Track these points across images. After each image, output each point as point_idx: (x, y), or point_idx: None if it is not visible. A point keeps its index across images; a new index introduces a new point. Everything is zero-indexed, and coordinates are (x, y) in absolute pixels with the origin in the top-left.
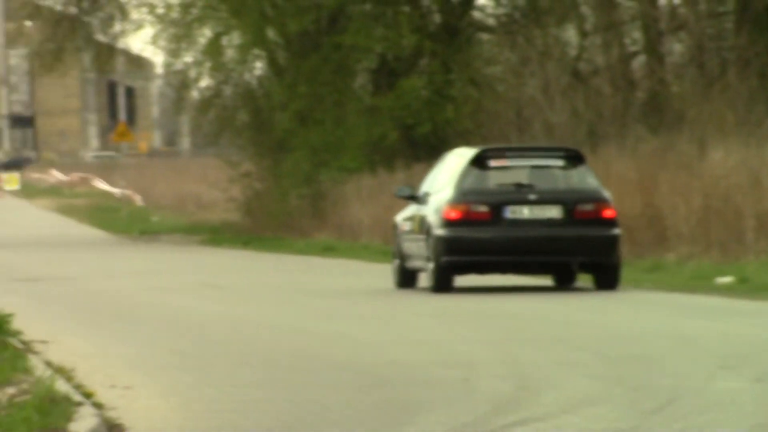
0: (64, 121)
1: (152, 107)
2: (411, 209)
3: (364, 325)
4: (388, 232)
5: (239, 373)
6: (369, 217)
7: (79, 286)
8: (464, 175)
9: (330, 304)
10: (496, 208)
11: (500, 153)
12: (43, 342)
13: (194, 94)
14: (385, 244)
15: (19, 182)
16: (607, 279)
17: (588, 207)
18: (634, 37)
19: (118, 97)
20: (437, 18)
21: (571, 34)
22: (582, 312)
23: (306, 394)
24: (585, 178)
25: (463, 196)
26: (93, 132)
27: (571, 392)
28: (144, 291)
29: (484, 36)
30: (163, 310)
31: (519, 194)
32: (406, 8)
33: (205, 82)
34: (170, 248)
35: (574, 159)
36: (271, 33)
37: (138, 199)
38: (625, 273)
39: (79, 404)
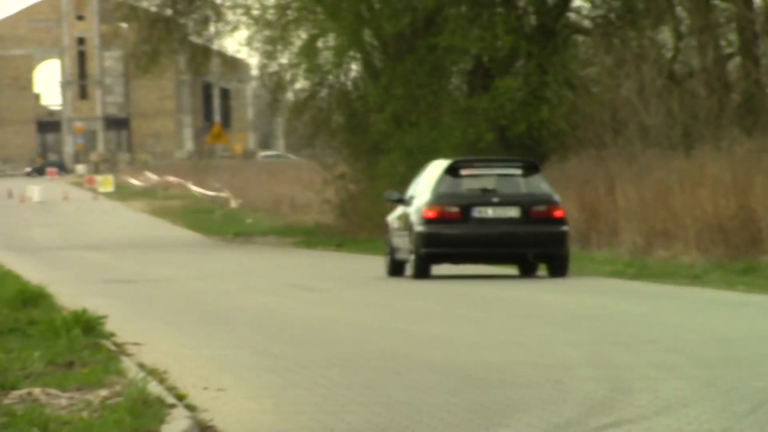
0: (158, 123)
1: (247, 109)
2: (399, 210)
3: (456, 327)
4: None
5: (330, 375)
6: None
7: (173, 287)
8: (440, 182)
9: (420, 306)
10: (466, 209)
11: (469, 163)
12: (136, 344)
13: (289, 96)
14: None
15: (113, 184)
16: (558, 268)
17: (541, 208)
18: (730, 39)
19: (213, 99)
20: (533, 19)
21: (666, 36)
22: (675, 314)
23: (398, 395)
24: (539, 185)
25: (439, 199)
26: (187, 134)
27: (664, 394)
28: (237, 293)
29: (580, 38)
30: (256, 312)
31: (485, 198)
32: (502, 10)
33: (300, 84)
34: (264, 250)
35: (530, 168)
36: (366, 35)
37: (233, 202)
38: (719, 275)
39: (172, 406)
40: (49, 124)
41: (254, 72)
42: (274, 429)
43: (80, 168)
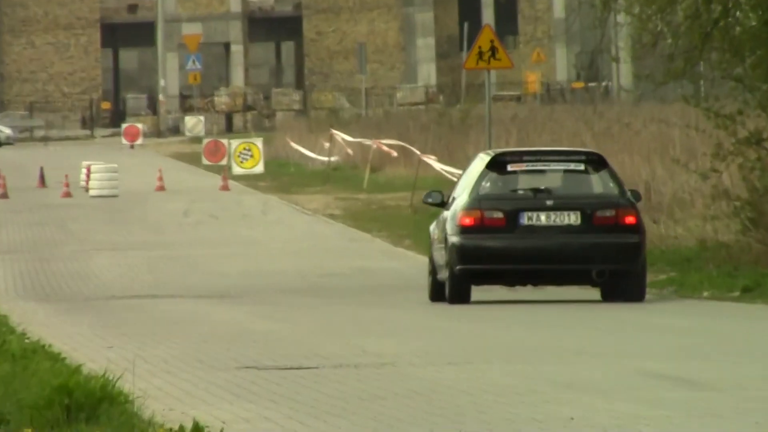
0: (359, 29)
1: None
2: (441, 217)
3: None
4: None
5: None
6: None
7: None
8: (480, 180)
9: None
10: (512, 215)
11: (518, 156)
12: None
13: None
14: None
15: (261, 158)
16: (631, 289)
17: (608, 213)
18: None
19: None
20: None
21: None
22: None
23: None
24: (607, 183)
25: (478, 202)
26: (420, 55)
27: None
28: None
29: None
30: None
31: (536, 200)
32: None
33: None
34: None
35: (595, 163)
36: None
37: None
38: None
39: None
40: (125, 28)
41: None
42: None
43: (192, 123)
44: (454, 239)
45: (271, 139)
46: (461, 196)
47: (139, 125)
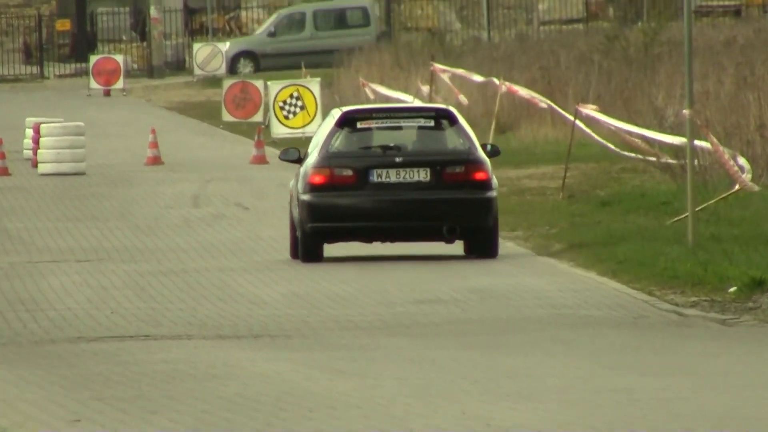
0: None
1: None
2: (298, 173)
3: None
4: None
5: None
6: None
7: None
8: (329, 138)
9: None
10: (362, 172)
11: (367, 113)
12: None
13: None
14: None
15: (315, 116)
16: (482, 245)
17: (458, 169)
18: None
19: None
20: None
21: None
22: None
23: None
24: (457, 139)
25: (327, 159)
26: None
27: None
28: None
29: None
30: None
31: (386, 157)
32: None
33: None
34: None
35: (446, 119)
36: None
37: (747, 180)
38: None
39: None
40: None
41: None
42: None
43: (205, 54)
44: (304, 197)
45: (333, 79)
46: (312, 154)
47: (118, 58)
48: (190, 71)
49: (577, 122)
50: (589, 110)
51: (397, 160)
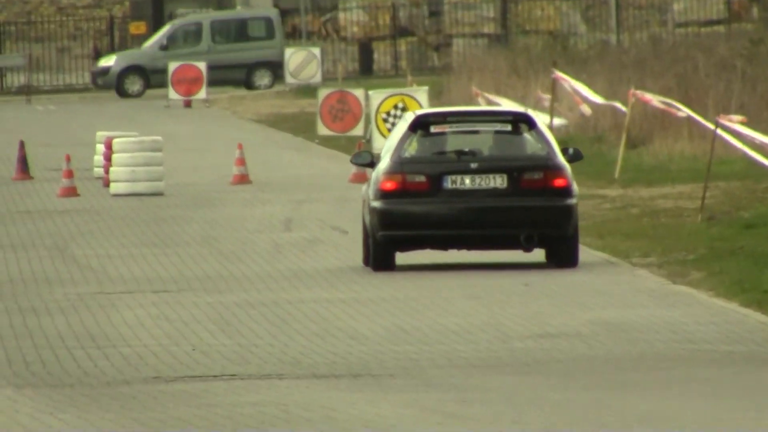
0: None
1: None
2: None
3: None
4: None
5: None
6: None
7: None
8: (402, 142)
9: None
10: (436, 178)
11: (441, 117)
12: None
13: None
14: None
15: None
16: (562, 254)
17: (536, 175)
18: None
19: None
20: None
21: None
22: None
23: None
24: (535, 144)
25: (400, 165)
26: None
27: None
28: None
29: None
30: None
31: (460, 162)
32: None
33: None
34: None
35: (523, 122)
36: None
37: None
38: None
39: None
40: None
41: None
42: None
43: (298, 60)
44: (375, 204)
45: (443, 87)
46: (384, 159)
47: (200, 65)
48: (282, 79)
49: (719, 134)
50: (733, 123)
51: (473, 165)
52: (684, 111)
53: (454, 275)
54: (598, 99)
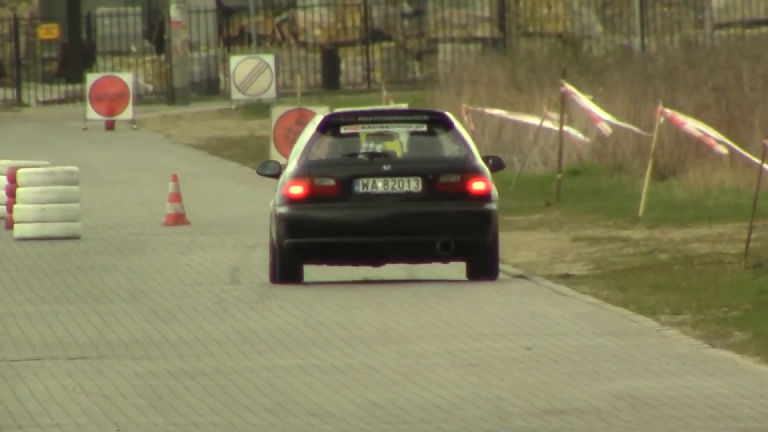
0: None
1: None
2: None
3: None
4: None
5: None
6: None
7: None
8: (310, 144)
9: None
10: (346, 182)
11: (352, 117)
12: None
13: None
14: None
15: None
16: (481, 264)
17: (453, 178)
18: None
19: None
20: None
21: None
22: None
23: None
24: (452, 145)
25: (307, 168)
26: None
27: None
28: None
29: None
30: None
31: (372, 165)
32: None
33: None
34: None
35: (440, 123)
36: None
37: None
38: None
39: None
40: None
41: None
42: None
43: (247, 70)
44: (281, 210)
45: (426, 104)
46: (291, 163)
47: (126, 77)
48: (227, 95)
49: (767, 165)
50: None
51: (385, 168)
52: (725, 143)
53: (439, 338)
54: (612, 120)
